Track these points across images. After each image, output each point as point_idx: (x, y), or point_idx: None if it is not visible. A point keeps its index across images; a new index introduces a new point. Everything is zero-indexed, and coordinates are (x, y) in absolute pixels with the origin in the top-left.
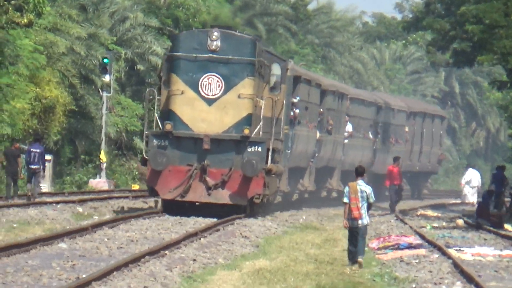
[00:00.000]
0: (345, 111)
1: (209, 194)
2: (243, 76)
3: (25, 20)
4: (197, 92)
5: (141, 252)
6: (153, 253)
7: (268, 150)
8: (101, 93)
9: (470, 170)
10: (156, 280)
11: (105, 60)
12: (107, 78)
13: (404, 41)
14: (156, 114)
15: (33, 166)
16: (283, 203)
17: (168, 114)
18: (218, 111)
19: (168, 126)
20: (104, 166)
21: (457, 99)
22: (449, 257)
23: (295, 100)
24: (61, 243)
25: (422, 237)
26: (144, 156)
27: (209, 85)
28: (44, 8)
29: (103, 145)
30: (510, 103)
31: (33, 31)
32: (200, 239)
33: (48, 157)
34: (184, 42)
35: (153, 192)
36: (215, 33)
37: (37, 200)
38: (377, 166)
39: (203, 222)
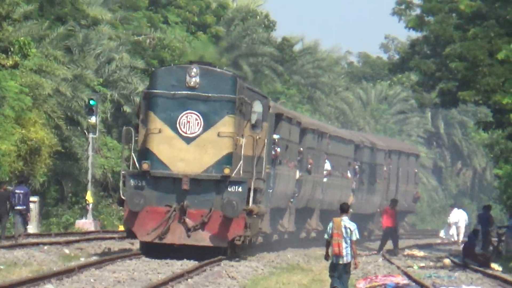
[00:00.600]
0: (325, 150)
1: (188, 236)
2: (223, 114)
3: (11, 62)
4: (175, 130)
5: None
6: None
7: (249, 190)
8: (87, 134)
9: (455, 210)
10: None
11: (91, 102)
12: (93, 120)
13: (389, 82)
14: (133, 154)
15: (18, 207)
16: (264, 244)
17: (145, 153)
18: (197, 150)
19: (145, 166)
20: (90, 207)
21: (442, 139)
22: None
23: (276, 137)
24: (48, 284)
25: (409, 277)
26: (121, 196)
27: (188, 123)
28: (29, 50)
29: (89, 186)
30: (496, 143)
31: (18, 72)
32: (187, 279)
33: (34, 198)
34: (162, 79)
35: (130, 234)
36: (194, 69)
37: (23, 241)
38: (355, 206)
39: (189, 263)
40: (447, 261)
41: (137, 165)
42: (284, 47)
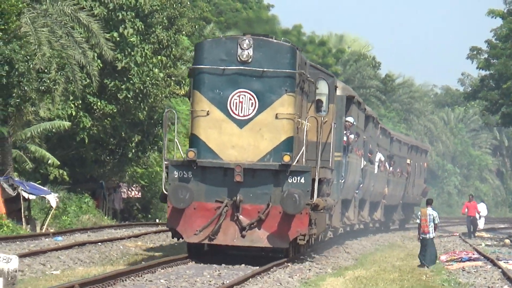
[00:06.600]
0: (376, 140)
1: (243, 236)
2: (281, 92)
3: (183, 91)
4: (226, 112)
5: (270, 264)
6: (279, 264)
7: (313, 180)
8: None
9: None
10: (281, 284)
11: None
12: None
13: (465, 107)
14: (176, 140)
15: None
16: (334, 239)
17: (191, 140)
18: (251, 135)
19: (191, 154)
20: None
21: (504, 150)
22: (499, 267)
23: (351, 120)
24: None
25: (478, 252)
26: (163, 191)
27: (240, 103)
28: None
29: None
30: None
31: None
32: (311, 253)
33: None
34: (209, 52)
35: (176, 235)
36: (247, 41)
37: None
38: (387, 197)
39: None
40: (507, 241)
41: (181, 153)
42: (386, 81)
